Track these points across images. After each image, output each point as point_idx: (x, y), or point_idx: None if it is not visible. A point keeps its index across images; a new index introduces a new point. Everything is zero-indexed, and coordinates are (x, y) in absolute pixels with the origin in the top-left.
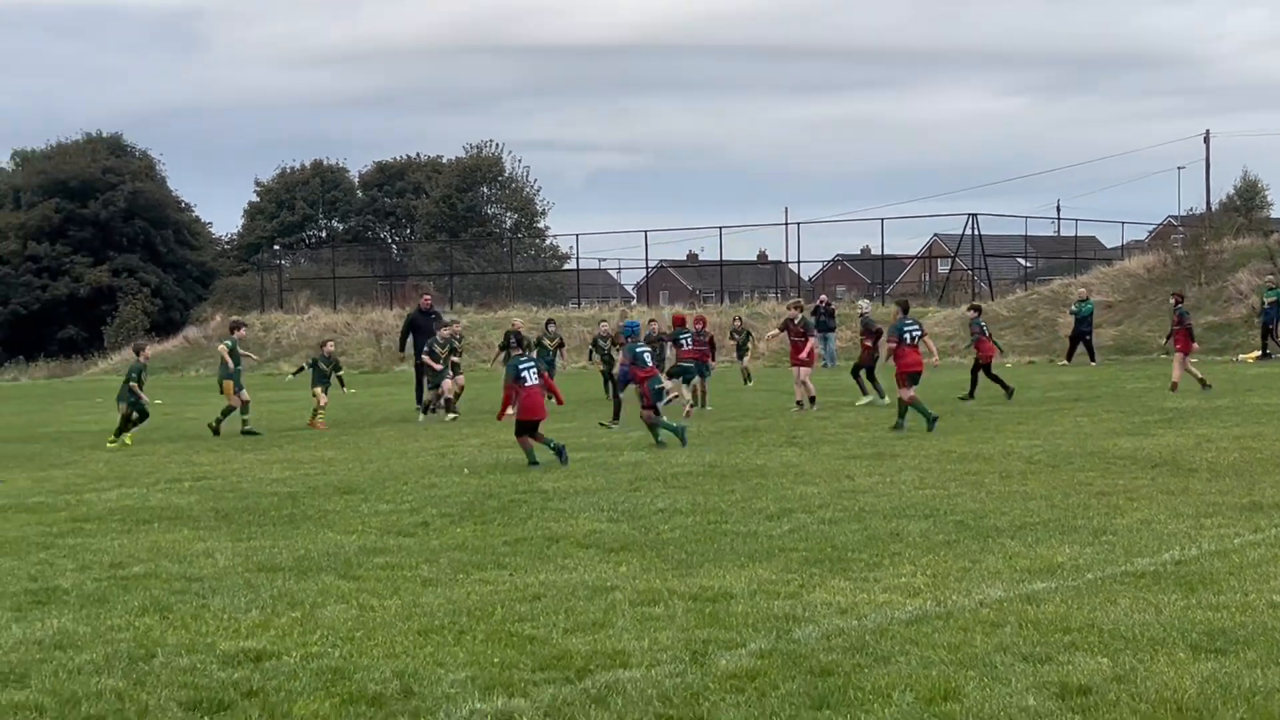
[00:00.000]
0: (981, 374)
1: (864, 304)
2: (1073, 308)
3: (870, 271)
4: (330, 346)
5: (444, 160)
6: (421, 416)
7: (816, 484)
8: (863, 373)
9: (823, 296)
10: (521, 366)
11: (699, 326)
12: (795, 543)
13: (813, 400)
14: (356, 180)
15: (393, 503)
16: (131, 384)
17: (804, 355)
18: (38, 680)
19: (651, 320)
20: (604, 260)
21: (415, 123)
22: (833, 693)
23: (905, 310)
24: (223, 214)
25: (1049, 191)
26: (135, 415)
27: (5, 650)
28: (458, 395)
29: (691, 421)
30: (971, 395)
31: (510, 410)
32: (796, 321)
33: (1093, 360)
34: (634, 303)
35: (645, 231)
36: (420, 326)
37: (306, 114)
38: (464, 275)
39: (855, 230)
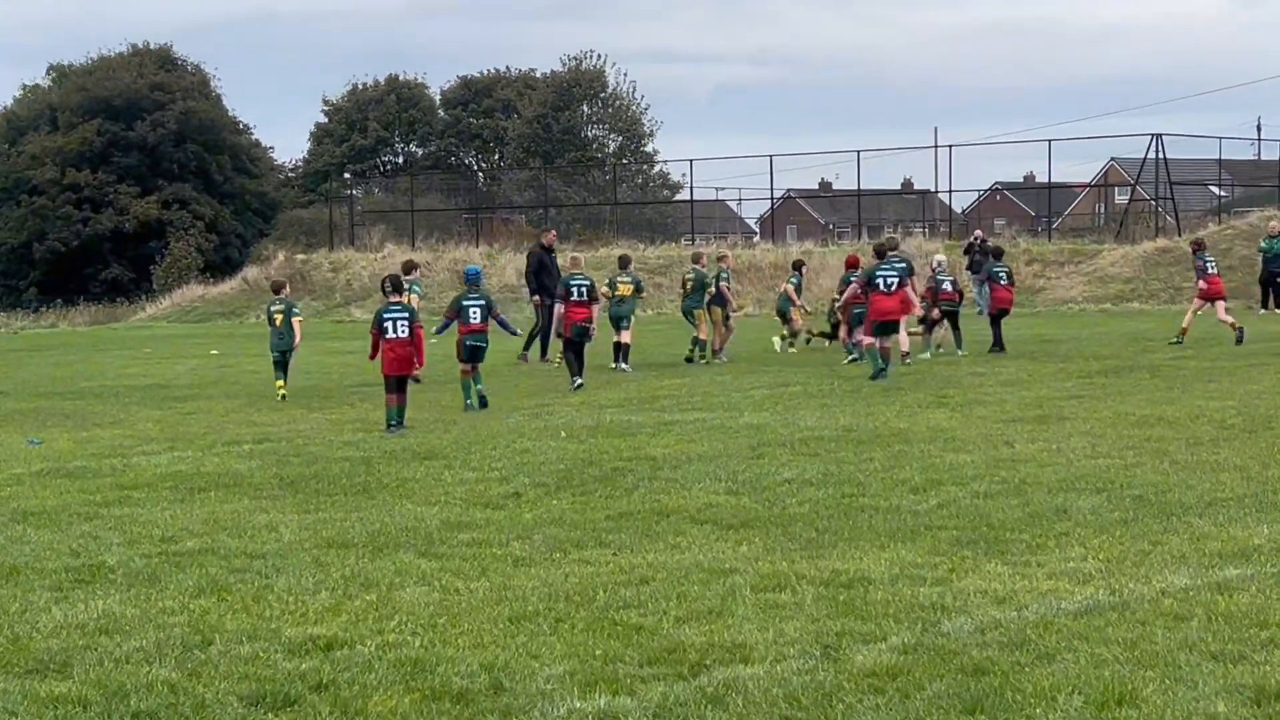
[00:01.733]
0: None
1: (938, 259)
2: (1262, 244)
3: (1034, 202)
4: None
5: (537, 75)
6: (554, 363)
7: (969, 452)
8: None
9: (976, 231)
10: (385, 315)
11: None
12: (944, 520)
13: (905, 356)
14: (438, 98)
15: (480, 470)
16: (296, 320)
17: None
18: (80, 670)
19: (721, 257)
20: (722, 190)
21: (504, 31)
22: (987, 695)
23: (880, 255)
24: (286, 137)
25: (1247, 108)
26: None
27: (45, 635)
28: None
29: (818, 378)
30: (1239, 339)
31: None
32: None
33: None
34: (757, 238)
35: (770, 156)
36: (547, 266)
37: (381, 22)
38: (560, 207)
39: (1017, 154)
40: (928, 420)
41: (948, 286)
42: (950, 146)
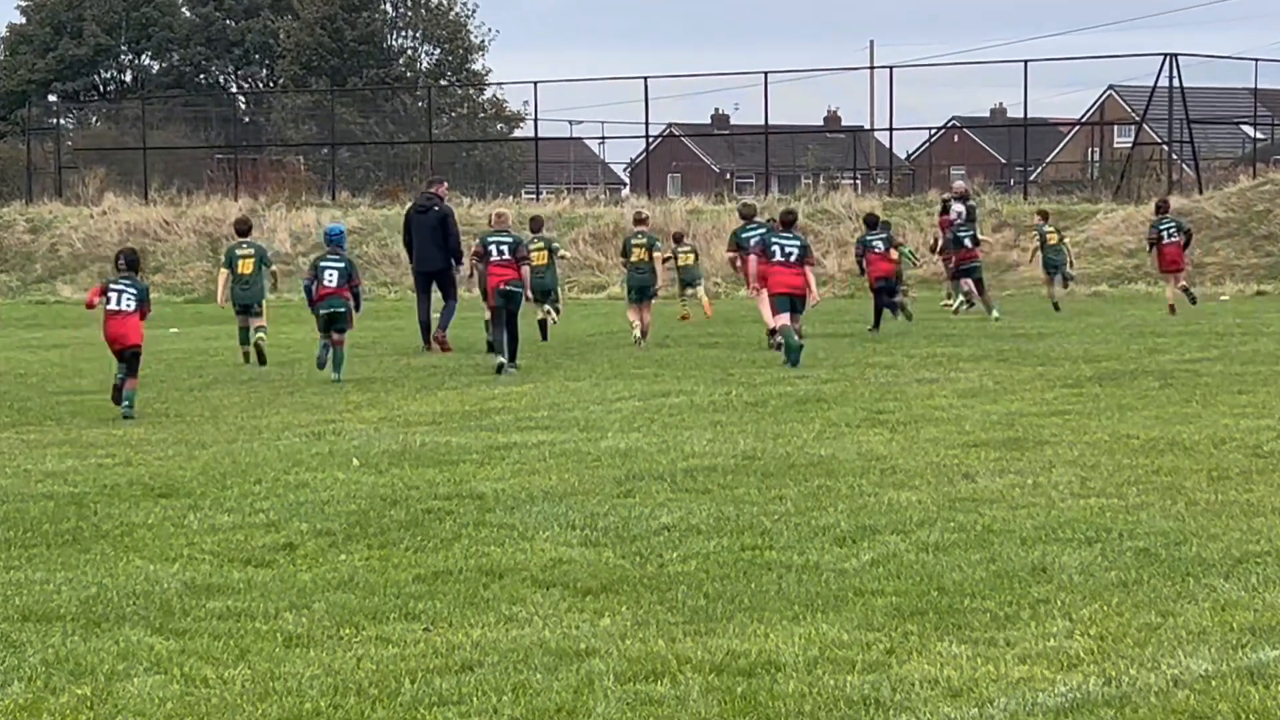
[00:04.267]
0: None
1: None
2: None
3: (1003, 146)
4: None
5: None
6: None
7: (915, 488)
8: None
9: (958, 184)
10: (111, 288)
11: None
12: (880, 582)
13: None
14: None
15: (238, 512)
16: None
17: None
18: None
19: (640, 212)
20: (579, 125)
21: None
22: None
23: (786, 225)
24: None
25: None
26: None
27: None
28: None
29: (710, 383)
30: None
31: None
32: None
33: None
34: (625, 191)
35: (645, 79)
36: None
37: None
38: (354, 146)
39: (982, 80)
40: (859, 444)
41: (969, 243)
42: (890, 68)
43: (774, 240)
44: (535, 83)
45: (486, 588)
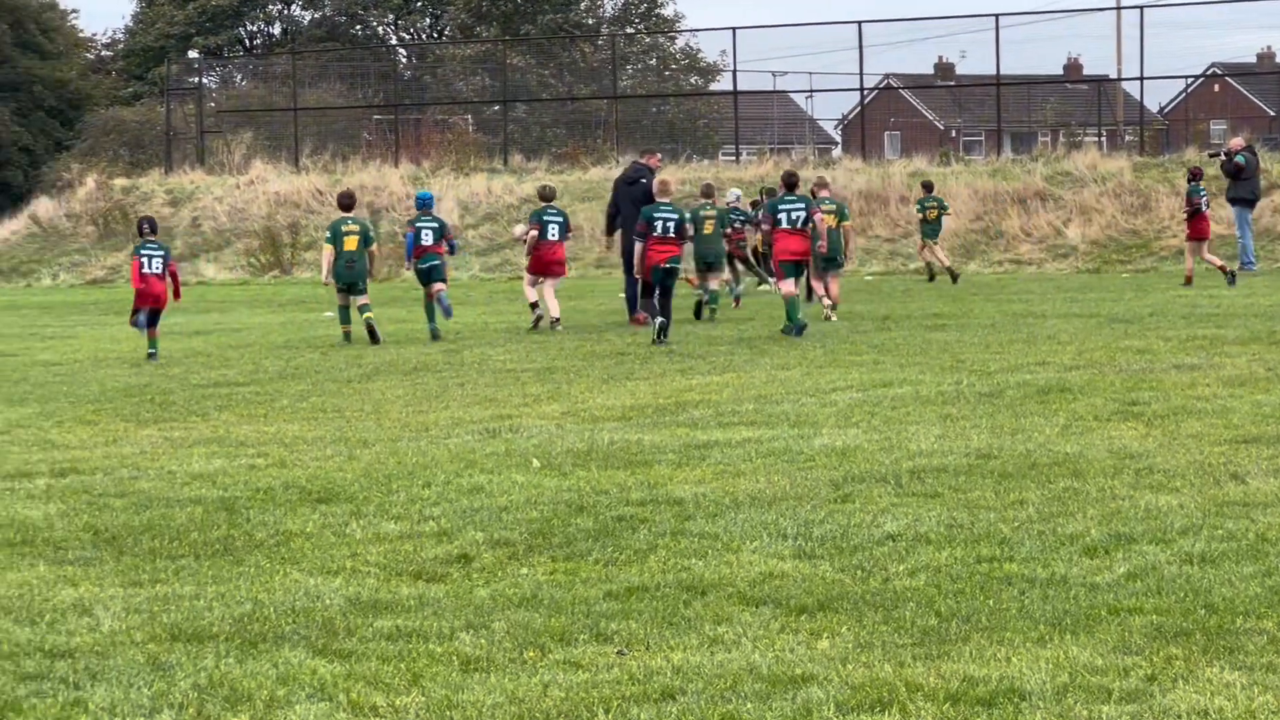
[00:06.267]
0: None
1: (733, 193)
2: None
3: (1273, 97)
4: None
5: None
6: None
7: (1176, 490)
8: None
9: (1235, 141)
10: (142, 252)
11: None
12: (1138, 599)
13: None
14: None
15: (406, 520)
16: None
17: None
18: None
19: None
20: (783, 76)
21: None
22: None
23: (790, 188)
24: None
25: None
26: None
27: None
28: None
29: (938, 371)
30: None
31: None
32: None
33: None
34: (837, 151)
35: (859, 23)
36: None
37: None
38: (529, 104)
39: (1247, 21)
40: (1110, 440)
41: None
42: (1140, 8)
43: (780, 207)
44: (734, 29)
45: (687, 605)
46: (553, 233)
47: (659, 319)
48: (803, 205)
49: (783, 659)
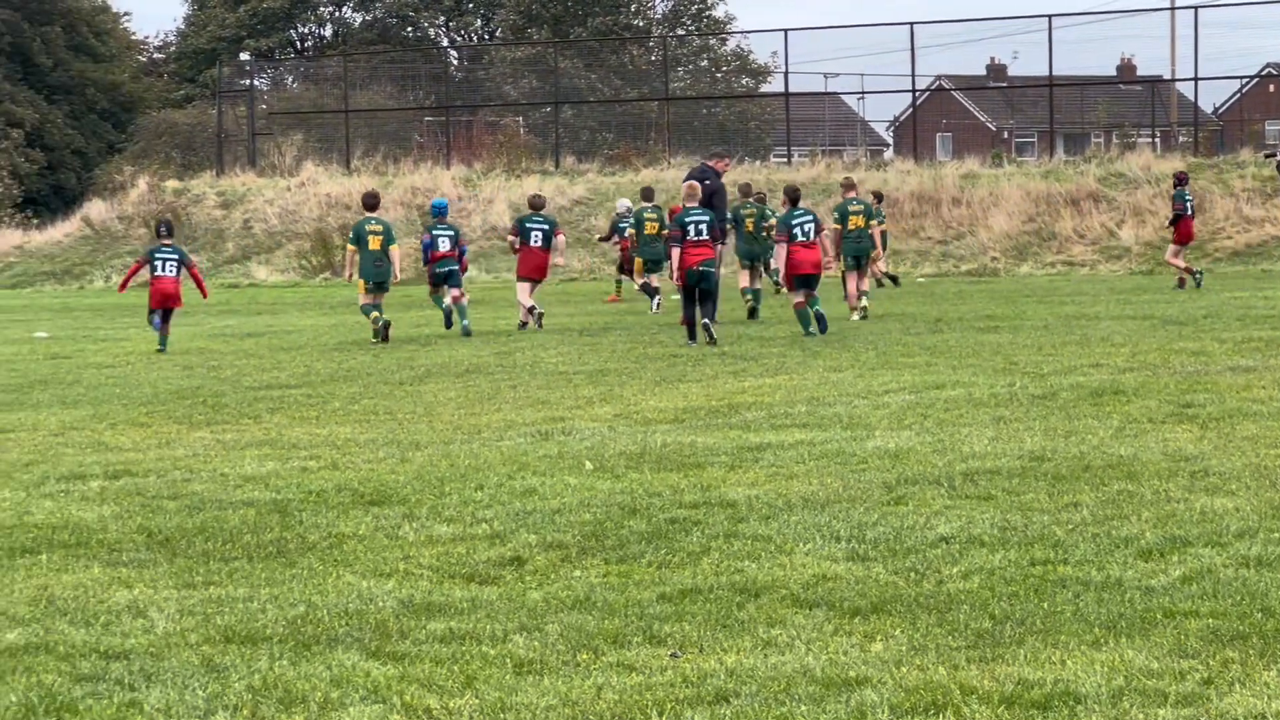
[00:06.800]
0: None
1: (623, 203)
2: None
3: None
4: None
5: None
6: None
7: (1232, 493)
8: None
9: None
10: (157, 255)
11: None
12: (1194, 602)
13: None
14: None
15: (458, 522)
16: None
17: None
18: None
19: (849, 186)
20: (835, 78)
21: None
22: None
23: (794, 201)
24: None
25: None
26: None
27: None
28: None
29: (990, 373)
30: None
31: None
32: None
33: None
34: (889, 153)
35: (910, 25)
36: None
37: None
38: (580, 106)
39: None
40: (1164, 442)
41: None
42: (1195, 8)
43: (793, 221)
44: (785, 30)
45: (741, 608)
46: (536, 239)
47: (691, 328)
48: (811, 218)
49: (836, 661)
